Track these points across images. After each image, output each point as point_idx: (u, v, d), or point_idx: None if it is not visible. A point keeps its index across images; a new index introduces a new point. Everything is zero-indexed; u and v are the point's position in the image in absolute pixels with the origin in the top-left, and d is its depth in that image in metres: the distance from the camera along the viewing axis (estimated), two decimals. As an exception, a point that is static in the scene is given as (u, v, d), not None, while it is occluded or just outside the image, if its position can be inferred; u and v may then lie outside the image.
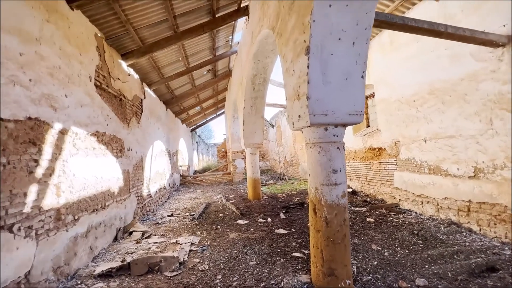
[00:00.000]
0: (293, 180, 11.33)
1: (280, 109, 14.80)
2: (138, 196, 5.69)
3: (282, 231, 4.32)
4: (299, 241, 3.84)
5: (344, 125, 2.59)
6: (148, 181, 6.58)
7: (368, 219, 4.70)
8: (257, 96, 6.88)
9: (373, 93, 6.58)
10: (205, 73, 9.14)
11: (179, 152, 12.46)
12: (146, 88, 6.99)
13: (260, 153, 17.93)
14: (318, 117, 2.44)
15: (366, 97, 7.25)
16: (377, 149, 6.26)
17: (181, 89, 9.38)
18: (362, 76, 2.54)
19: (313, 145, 2.59)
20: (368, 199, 6.35)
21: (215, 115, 17.71)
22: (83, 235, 3.32)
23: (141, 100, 6.40)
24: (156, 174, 7.47)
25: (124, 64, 5.29)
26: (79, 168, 3.34)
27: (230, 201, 7.34)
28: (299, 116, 2.63)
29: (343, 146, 2.61)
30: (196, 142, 21.26)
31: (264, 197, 7.50)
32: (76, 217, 3.18)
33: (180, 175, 12.05)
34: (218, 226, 4.84)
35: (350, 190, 7.09)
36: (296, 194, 7.81)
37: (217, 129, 70.01)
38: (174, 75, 7.57)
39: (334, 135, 2.54)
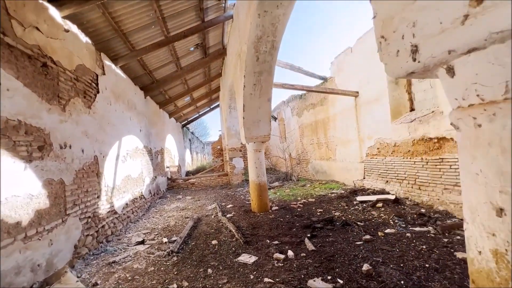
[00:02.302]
0: (302, 181, 9.47)
1: (283, 99, 12.90)
2: (88, 218, 3.75)
3: (321, 285, 2.43)
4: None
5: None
6: (111, 192, 4.64)
7: (459, 255, 2.82)
8: (262, 70, 4.95)
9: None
10: (192, 49, 7.17)
11: (166, 151, 10.49)
12: (108, 63, 5.01)
13: (260, 150, 16.03)
14: None
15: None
16: (436, 140, 4.40)
17: (163, 71, 7.41)
18: None
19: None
20: (423, 210, 4.50)
21: (208, 108, 15.76)
22: None
23: (96, 76, 4.43)
24: (127, 181, 5.52)
25: (55, 12, 3.32)
26: None
27: (228, 214, 5.43)
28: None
29: None
30: (189, 140, 19.28)
31: (273, 208, 5.61)
32: None
33: (168, 178, 10.10)
34: (209, 271, 2.93)
35: (389, 196, 5.23)
36: (315, 202, 5.94)
37: (213, 125, 67.72)
38: (149, 47, 5.60)
39: None
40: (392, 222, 4.08)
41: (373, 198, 5.36)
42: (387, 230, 3.74)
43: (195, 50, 7.31)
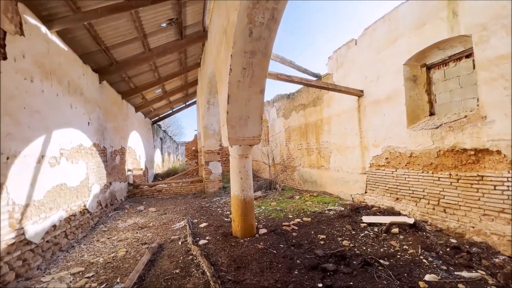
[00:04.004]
0: (288, 191, 8.33)
1: (268, 99, 11.77)
2: (-41, 263, 2.19)
3: None
4: None
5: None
6: (22, 212, 3.06)
7: None
8: (255, 50, 3.71)
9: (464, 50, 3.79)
10: (164, 25, 5.71)
11: (129, 151, 8.78)
12: (33, 21, 3.44)
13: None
14: None
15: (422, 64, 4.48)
16: (473, 152, 3.47)
17: (125, 50, 5.85)
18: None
19: None
20: (453, 241, 3.54)
21: (184, 104, 14.13)
22: None
23: (4, 34, 2.87)
24: (59, 192, 3.92)
25: None
26: None
27: (202, 240, 4.06)
28: None
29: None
30: (160, 139, 17.38)
31: (261, 231, 4.34)
32: None
33: (129, 183, 8.40)
34: None
35: (407, 220, 4.24)
36: (312, 223, 4.78)
37: (189, 125, 64.64)
38: (102, 10, 4.10)
39: None
40: (425, 261, 3.03)
41: (384, 220, 4.34)
42: (427, 277, 2.67)
43: (168, 27, 5.86)
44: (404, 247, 3.45)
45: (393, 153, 4.82)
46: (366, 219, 4.55)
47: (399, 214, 4.66)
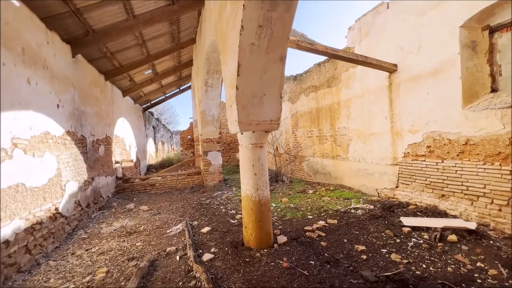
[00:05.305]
0: (297, 183, 7.47)
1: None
2: None
3: None
4: None
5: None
6: None
7: None
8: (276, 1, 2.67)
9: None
10: (151, -18, 4.56)
11: (116, 140, 7.72)
12: None
13: (231, 141, 13.78)
14: None
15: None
16: None
17: (103, 15, 4.69)
18: None
19: None
20: (538, 254, 2.72)
21: (177, 89, 12.94)
22: None
23: None
24: (12, 196, 2.92)
25: None
26: None
27: (206, 254, 3.15)
28: None
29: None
30: (153, 127, 16.24)
31: (280, 239, 3.45)
32: None
33: (117, 177, 7.40)
34: None
35: (467, 224, 3.40)
36: (340, 226, 3.91)
37: (183, 113, 62.67)
38: None
39: None
40: (522, 289, 2.19)
41: (431, 223, 3.49)
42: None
43: (156, -14, 4.71)
44: (477, 264, 2.61)
45: (438, 140, 3.92)
46: (407, 221, 3.70)
47: (445, 214, 3.82)
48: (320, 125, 7.13)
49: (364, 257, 2.88)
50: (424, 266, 2.64)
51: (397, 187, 4.77)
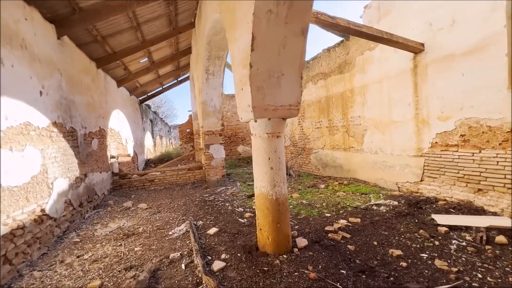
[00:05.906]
0: (305, 177, 7.04)
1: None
2: None
3: None
4: None
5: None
6: None
7: None
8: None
9: None
10: (145, -50, 3.98)
11: (112, 133, 7.20)
12: None
13: (232, 135, 13.33)
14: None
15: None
16: None
17: (91, -11, 4.13)
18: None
19: None
20: None
21: (175, 80, 12.35)
22: None
23: None
24: (-16, 198, 2.44)
25: None
26: None
27: (216, 262, 2.71)
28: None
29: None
30: (150, 120, 15.67)
31: (300, 242, 3.01)
32: None
33: (114, 173, 6.91)
34: None
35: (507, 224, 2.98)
36: (364, 226, 3.49)
37: (181, 106, 61.85)
38: None
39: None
40: None
41: (471, 221, 3.07)
42: None
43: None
44: (544, 273, 2.19)
45: (475, 128, 3.47)
46: (441, 219, 3.28)
47: (483, 211, 3.40)
48: (331, 115, 6.65)
49: (404, 264, 2.45)
50: (479, 275, 2.21)
51: (421, 180, 4.34)
